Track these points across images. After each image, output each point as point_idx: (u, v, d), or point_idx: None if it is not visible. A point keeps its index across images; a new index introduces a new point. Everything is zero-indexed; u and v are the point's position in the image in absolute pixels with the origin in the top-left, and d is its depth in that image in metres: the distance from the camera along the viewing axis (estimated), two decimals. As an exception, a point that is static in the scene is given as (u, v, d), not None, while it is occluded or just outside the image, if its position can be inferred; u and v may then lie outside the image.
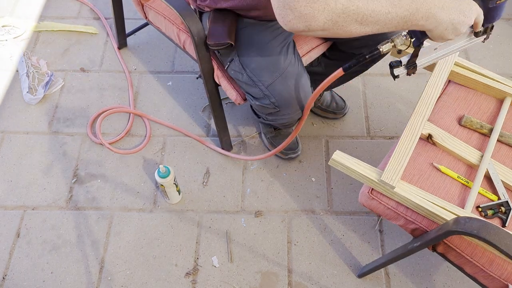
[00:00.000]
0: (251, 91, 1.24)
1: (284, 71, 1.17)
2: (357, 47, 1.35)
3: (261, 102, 1.24)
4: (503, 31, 2.00)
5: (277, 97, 1.20)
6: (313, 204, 1.55)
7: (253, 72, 1.19)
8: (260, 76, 1.18)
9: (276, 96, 1.19)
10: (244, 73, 1.21)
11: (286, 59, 1.18)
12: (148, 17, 1.50)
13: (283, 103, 1.21)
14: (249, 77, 1.20)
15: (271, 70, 1.17)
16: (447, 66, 1.22)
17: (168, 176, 1.41)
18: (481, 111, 1.21)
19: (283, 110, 1.24)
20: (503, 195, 1.05)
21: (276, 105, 1.22)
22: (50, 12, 2.08)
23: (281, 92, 1.19)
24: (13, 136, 1.71)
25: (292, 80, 1.18)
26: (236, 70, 1.23)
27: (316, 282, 1.41)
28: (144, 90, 1.83)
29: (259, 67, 1.18)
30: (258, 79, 1.19)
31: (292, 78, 1.18)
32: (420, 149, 1.13)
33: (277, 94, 1.19)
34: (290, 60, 1.19)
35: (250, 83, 1.21)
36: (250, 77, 1.20)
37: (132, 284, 1.41)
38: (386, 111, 1.77)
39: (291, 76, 1.18)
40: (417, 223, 1.04)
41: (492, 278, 1.00)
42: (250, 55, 1.19)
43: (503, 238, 0.83)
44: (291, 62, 1.19)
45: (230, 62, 1.24)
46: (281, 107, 1.22)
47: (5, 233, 1.50)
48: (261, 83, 1.19)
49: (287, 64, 1.18)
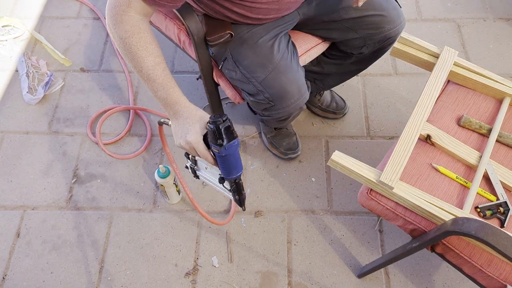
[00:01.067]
0: (245, 88, 1.25)
1: (276, 66, 1.18)
2: (357, 46, 1.35)
3: (256, 98, 1.24)
4: (503, 31, 2.00)
5: (271, 92, 1.20)
6: (313, 204, 1.56)
7: (246, 68, 1.20)
8: (253, 72, 1.19)
9: (269, 91, 1.20)
10: (237, 70, 1.21)
11: (278, 53, 1.19)
12: (148, 17, 1.50)
13: (277, 97, 1.21)
14: (242, 74, 1.21)
15: (263, 66, 1.18)
16: (447, 66, 1.22)
17: (168, 176, 1.41)
18: (480, 111, 1.21)
19: (278, 105, 1.24)
20: (501, 196, 1.05)
21: (270, 100, 1.22)
22: (50, 12, 2.09)
23: (274, 87, 1.19)
24: (13, 136, 1.71)
25: (285, 74, 1.18)
26: (229, 68, 1.23)
27: (316, 282, 1.41)
28: (144, 90, 1.83)
29: (252, 63, 1.19)
30: (251, 75, 1.19)
31: (285, 72, 1.18)
32: (419, 149, 1.13)
33: (271, 89, 1.19)
34: (282, 54, 1.19)
35: (244, 80, 1.22)
36: (244, 74, 1.20)
37: (132, 284, 1.41)
38: (386, 111, 1.77)
39: (283, 70, 1.18)
40: (415, 223, 1.05)
41: (490, 278, 1.00)
42: (242, 52, 1.20)
43: (500, 239, 0.84)
44: (283, 56, 1.19)
45: (224, 61, 1.24)
46: (275, 101, 1.22)
47: (5, 233, 1.50)
48: (254, 79, 1.19)
49: (279, 59, 1.18)
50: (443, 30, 2.01)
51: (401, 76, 1.87)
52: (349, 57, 1.43)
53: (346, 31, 1.31)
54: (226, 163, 0.95)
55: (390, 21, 1.29)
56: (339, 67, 1.49)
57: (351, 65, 1.47)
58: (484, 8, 2.08)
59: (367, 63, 1.46)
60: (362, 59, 1.43)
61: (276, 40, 1.20)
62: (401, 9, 1.33)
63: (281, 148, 1.62)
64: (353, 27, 1.30)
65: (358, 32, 1.30)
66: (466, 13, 2.07)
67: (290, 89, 1.20)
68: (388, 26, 1.29)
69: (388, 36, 1.31)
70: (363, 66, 1.49)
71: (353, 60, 1.43)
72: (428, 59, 1.26)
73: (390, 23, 1.30)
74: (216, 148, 0.92)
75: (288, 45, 1.23)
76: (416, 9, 2.09)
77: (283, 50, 1.20)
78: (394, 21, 1.30)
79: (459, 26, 2.02)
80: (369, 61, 1.45)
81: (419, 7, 2.10)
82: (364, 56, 1.40)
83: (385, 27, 1.29)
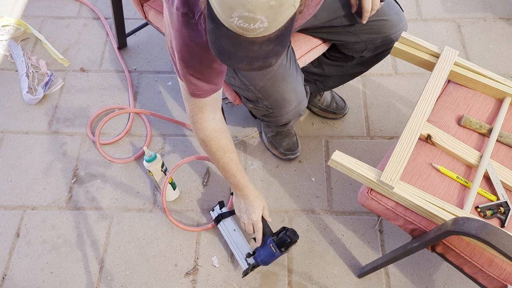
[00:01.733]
0: (245, 95, 1.25)
1: (274, 74, 1.17)
2: (358, 50, 1.35)
3: (255, 105, 1.24)
4: (503, 31, 2.00)
5: (269, 100, 1.20)
6: (313, 204, 1.55)
7: (245, 76, 1.19)
8: (252, 80, 1.19)
9: (268, 99, 1.20)
10: (236, 77, 1.21)
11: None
12: (148, 17, 1.50)
13: (275, 105, 1.21)
14: (241, 81, 1.21)
15: (261, 73, 1.17)
16: (447, 65, 1.22)
17: (153, 160, 1.40)
18: (480, 111, 1.21)
19: (277, 112, 1.24)
20: (502, 196, 1.05)
21: (269, 107, 1.22)
22: (50, 12, 2.08)
23: (273, 94, 1.19)
24: (13, 136, 1.71)
25: (283, 81, 1.18)
26: (229, 74, 1.23)
27: (316, 282, 1.41)
28: (143, 90, 1.83)
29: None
30: (249, 83, 1.19)
31: (284, 80, 1.18)
32: (419, 149, 1.13)
33: (269, 97, 1.19)
34: (281, 61, 1.19)
35: (243, 87, 1.22)
36: (242, 81, 1.20)
37: (132, 284, 1.41)
38: (386, 111, 1.77)
39: (282, 77, 1.18)
40: (416, 223, 1.04)
41: (491, 278, 1.00)
42: None
43: (501, 239, 0.83)
44: (281, 63, 1.19)
45: None
46: (274, 108, 1.22)
47: (5, 233, 1.50)
48: (253, 87, 1.19)
49: (278, 66, 1.18)
50: (443, 30, 2.01)
51: (401, 76, 1.87)
52: (350, 60, 1.42)
53: (347, 34, 1.31)
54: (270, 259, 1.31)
55: (392, 26, 1.29)
56: (340, 69, 1.49)
57: (352, 67, 1.47)
58: (484, 8, 2.08)
59: (368, 66, 1.46)
60: (363, 62, 1.43)
61: None
62: (403, 13, 1.32)
63: (281, 149, 1.62)
64: (355, 31, 1.29)
65: (360, 36, 1.30)
66: (466, 13, 2.07)
67: (288, 97, 1.20)
68: (390, 31, 1.29)
69: (390, 41, 1.31)
70: (364, 69, 1.49)
71: (354, 63, 1.43)
72: (428, 59, 1.26)
73: (392, 28, 1.29)
74: (275, 249, 1.28)
75: (288, 51, 1.23)
76: (416, 9, 2.09)
77: (283, 58, 1.20)
78: (396, 26, 1.30)
79: (459, 26, 2.02)
80: (370, 64, 1.45)
81: (419, 7, 2.10)
82: (365, 59, 1.40)
83: (387, 31, 1.29)
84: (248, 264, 1.35)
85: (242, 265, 1.36)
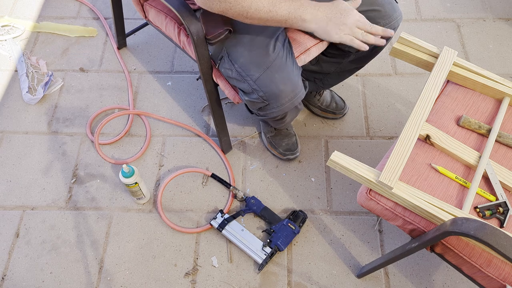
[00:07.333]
0: (241, 86, 1.25)
1: (271, 64, 1.17)
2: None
3: (250, 97, 1.24)
4: (503, 32, 2.00)
5: (265, 91, 1.20)
6: (312, 204, 1.55)
7: (241, 67, 1.20)
8: (248, 71, 1.19)
9: (263, 90, 1.19)
10: (233, 68, 1.21)
11: (274, 52, 1.18)
12: (148, 17, 1.50)
13: (271, 96, 1.21)
14: (238, 72, 1.21)
15: (258, 64, 1.18)
16: (446, 66, 1.22)
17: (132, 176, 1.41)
18: (479, 111, 1.21)
19: (272, 103, 1.23)
20: (501, 196, 1.05)
21: (265, 99, 1.22)
22: (49, 12, 2.09)
23: (269, 85, 1.19)
24: (12, 136, 1.71)
25: (280, 73, 1.18)
26: (226, 67, 1.23)
27: (315, 282, 1.41)
28: (143, 90, 1.83)
29: (247, 61, 1.19)
30: (246, 74, 1.19)
31: (280, 71, 1.18)
32: (418, 149, 1.13)
33: (265, 88, 1.19)
34: (278, 53, 1.19)
35: (239, 78, 1.22)
36: (239, 72, 1.20)
37: (132, 284, 1.41)
38: (385, 111, 1.77)
39: (278, 69, 1.18)
40: (415, 223, 1.05)
41: (490, 278, 1.00)
42: (238, 50, 1.20)
43: (500, 239, 0.83)
44: (278, 55, 1.19)
45: (221, 60, 1.24)
46: (269, 100, 1.22)
47: (4, 233, 1.50)
48: (249, 77, 1.19)
49: (275, 57, 1.18)
50: (442, 30, 2.01)
51: (400, 76, 1.87)
52: (347, 55, 1.43)
53: None
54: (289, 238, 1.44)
55: (385, 16, 1.29)
56: (337, 66, 1.49)
57: (350, 63, 1.47)
58: (484, 8, 2.08)
59: (366, 61, 1.46)
60: (360, 56, 1.43)
61: (273, 39, 1.20)
62: (397, 4, 1.32)
63: (280, 149, 1.62)
64: None
65: None
66: (466, 13, 2.07)
67: (283, 88, 1.20)
68: (383, 21, 1.29)
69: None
70: (361, 64, 1.49)
71: (351, 58, 1.43)
72: (427, 59, 1.26)
73: (386, 18, 1.29)
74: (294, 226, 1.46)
75: (284, 44, 1.23)
76: (416, 9, 2.09)
77: (279, 49, 1.20)
78: (390, 16, 1.30)
79: (458, 26, 2.02)
80: (367, 59, 1.45)
81: (418, 7, 2.10)
82: (362, 53, 1.40)
83: (381, 22, 1.29)
84: (265, 254, 1.41)
85: (258, 258, 1.41)
